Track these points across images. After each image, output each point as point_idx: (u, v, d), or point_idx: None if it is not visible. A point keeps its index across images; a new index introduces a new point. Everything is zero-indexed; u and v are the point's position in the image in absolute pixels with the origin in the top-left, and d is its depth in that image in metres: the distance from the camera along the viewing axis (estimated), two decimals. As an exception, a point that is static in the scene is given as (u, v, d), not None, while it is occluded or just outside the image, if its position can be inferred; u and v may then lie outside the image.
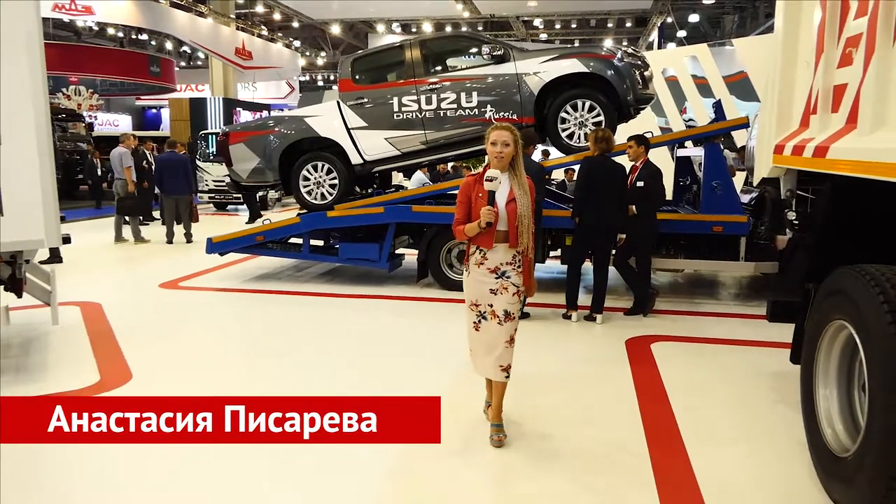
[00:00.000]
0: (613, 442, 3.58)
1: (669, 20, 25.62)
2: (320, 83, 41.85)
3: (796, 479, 3.15)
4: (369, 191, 8.35)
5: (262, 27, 27.80)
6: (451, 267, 7.23)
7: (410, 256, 7.98)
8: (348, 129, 7.36)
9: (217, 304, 6.99)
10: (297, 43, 31.85)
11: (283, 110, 33.07)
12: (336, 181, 7.45)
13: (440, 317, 6.33)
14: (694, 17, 27.26)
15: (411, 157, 7.44)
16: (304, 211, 7.70)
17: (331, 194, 7.46)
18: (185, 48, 32.19)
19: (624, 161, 6.16)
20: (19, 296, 4.45)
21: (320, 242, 8.26)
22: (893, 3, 2.64)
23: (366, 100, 7.33)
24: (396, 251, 7.73)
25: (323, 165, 7.47)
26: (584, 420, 3.89)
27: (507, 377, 3.49)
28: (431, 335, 5.76)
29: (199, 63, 35.46)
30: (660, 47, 27.43)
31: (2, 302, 4.43)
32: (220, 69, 26.85)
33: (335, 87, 39.97)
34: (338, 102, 7.45)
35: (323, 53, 35.21)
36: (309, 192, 7.54)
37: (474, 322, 3.53)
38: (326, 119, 7.47)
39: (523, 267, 3.48)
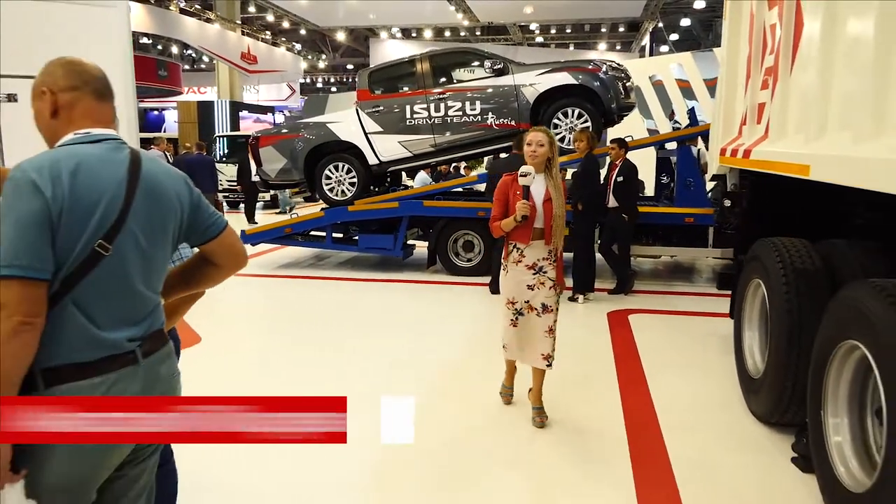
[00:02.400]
0: (593, 380, 4.58)
1: (661, 25, 26.72)
2: (319, 85, 42.77)
3: (728, 399, 4.16)
4: (378, 189, 9.33)
5: (266, 31, 28.72)
6: (457, 255, 8.22)
7: (420, 248, 8.99)
8: (366, 134, 8.34)
9: (254, 286, 7.98)
10: (297, 46, 32.78)
11: (284, 112, 33.91)
12: (355, 179, 8.44)
13: (449, 295, 7.34)
14: (686, 22, 28.34)
15: (421, 158, 8.44)
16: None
17: (350, 191, 8.45)
18: (189, 51, 33.06)
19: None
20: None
21: (337, 235, 9.23)
22: (790, 42, 3.64)
23: (381, 108, 8.32)
24: (408, 241, 8.73)
25: (343, 166, 8.45)
26: (571, 370, 4.87)
27: (549, 365, 3.70)
28: (444, 310, 6.76)
29: (203, 66, 36.34)
30: (652, 51, 28.52)
31: None
32: (226, 73, 27.75)
33: (334, 89, 40.80)
34: (356, 110, 8.42)
35: (323, 56, 36.15)
36: (331, 190, 8.52)
37: (511, 320, 3.70)
38: (346, 125, 8.46)
39: (557, 262, 3.69)
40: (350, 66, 39.18)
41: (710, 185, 8.25)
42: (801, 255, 3.53)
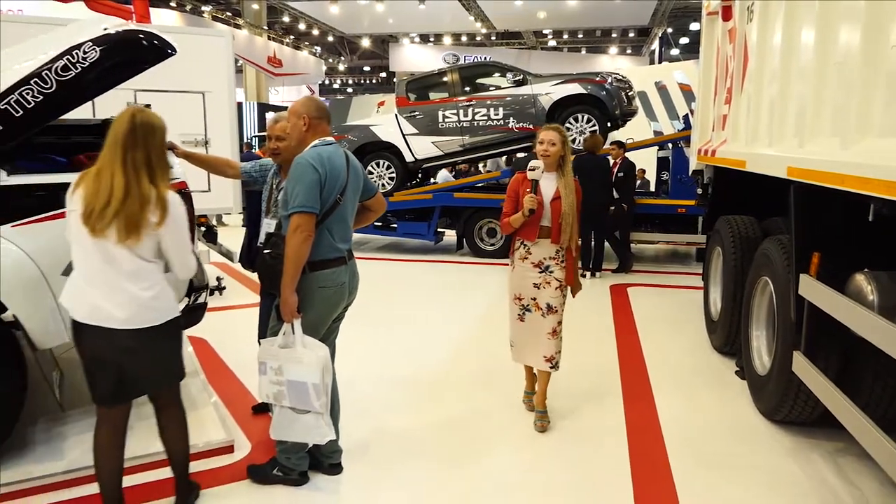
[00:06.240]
0: (595, 330, 5.91)
1: (669, 31, 28.00)
2: (337, 86, 44.22)
3: (697, 340, 5.48)
4: (412, 183, 10.69)
5: (289, 36, 30.19)
6: (482, 240, 9.58)
7: (448, 236, 10.35)
8: (403, 135, 9.69)
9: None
10: (318, 49, 34.24)
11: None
12: (394, 174, 9.80)
13: (476, 272, 8.70)
14: (695, 26, 29.58)
15: (451, 157, 9.79)
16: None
17: (390, 184, 9.81)
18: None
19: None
20: (215, 242, 6.82)
21: (377, 223, 10.59)
22: (739, 70, 4.94)
23: (417, 113, 9.67)
24: (439, 229, 10.09)
25: (383, 162, 9.81)
26: (579, 325, 6.19)
27: (552, 367, 3.66)
28: (473, 283, 8.12)
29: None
30: (661, 55, 29.81)
31: None
32: (253, 76, 29.27)
33: (350, 90, 41.87)
34: (395, 115, 9.79)
35: (342, 59, 37.61)
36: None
37: (518, 315, 3.68)
38: (386, 127, 9.83)
39: (567, 264, 3.63)
40: (367, 69, 40.68)
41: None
42: (747, 228, 4.86)
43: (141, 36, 3.20)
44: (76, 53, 2.99)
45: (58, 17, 8.01)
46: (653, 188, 11.68)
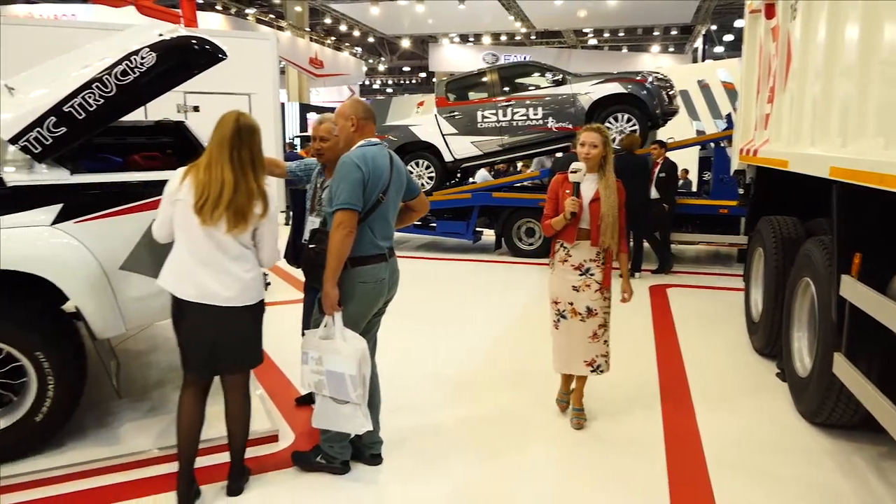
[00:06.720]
0: (633, 331, 5.90)
1: (714, 28, 27.51)
2: (377, 86, 44.65)
3: (737, 342, 5.43)
4: (451, 182, 10.78)
5: (330, 37, 30.64)
6: (520, 240, 9.60)
7: (487, 236, 10.41)
8: (443, 135, 9.78)
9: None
10: (358, 50, 34.65)
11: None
12: (433, 174, 9.90)
13: (514, 271, 8.74)
14: (740, 23, 28.99)
15: (490, 156, 9.85)
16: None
17: (429, 184, 9.91)
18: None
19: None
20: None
21: (417, 221, 10.72)
22: (783, 70, 4.88)
23: (456, 113, 9.74)
24: (477, 228, 10.15)
25: (423, 162, 9.92)
26: (617, 327, 6.18)
27: (593, 371, 3.67)
28: (511, 283, 8.17)
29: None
30: (704, 53, 29.31)
31: None
32: (295, 77, 29.79)
33: (390, 90, 42.16)
34: (435, 115, 9.88)
35: (382, 59, 37.96)
36: (412, 183, 10.02)
37: (554, 321, 3.69)
38: (426, 127, 9.93)
39: (605, 266, 3.62)
40: (407, 69, 41.02)
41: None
42: (789, 229, 4.80)
43: (194, 41, 3.35)
44: (134, 59, 3.15)
45: (112, 23, 8.35)
46: (694, 188, 11.54)
